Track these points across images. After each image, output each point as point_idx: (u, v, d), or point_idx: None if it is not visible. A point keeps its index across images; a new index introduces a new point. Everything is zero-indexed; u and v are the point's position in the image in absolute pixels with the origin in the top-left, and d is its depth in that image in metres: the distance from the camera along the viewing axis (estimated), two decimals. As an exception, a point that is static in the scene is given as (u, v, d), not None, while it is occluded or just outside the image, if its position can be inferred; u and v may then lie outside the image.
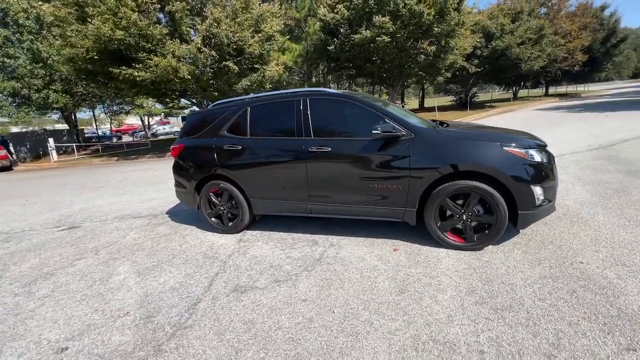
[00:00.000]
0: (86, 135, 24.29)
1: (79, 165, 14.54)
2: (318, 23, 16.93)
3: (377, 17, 14.08)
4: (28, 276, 3.32)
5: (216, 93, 13.61)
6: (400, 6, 13.97)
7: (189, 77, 11.36)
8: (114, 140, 28.95)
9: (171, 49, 11.20)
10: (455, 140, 2.94)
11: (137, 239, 4.08)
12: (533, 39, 20.93)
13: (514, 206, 2.81)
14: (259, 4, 13.50)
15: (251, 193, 3.72)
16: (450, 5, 14.15)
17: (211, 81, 12.97)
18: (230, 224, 3.96)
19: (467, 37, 16.74)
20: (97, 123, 31.99)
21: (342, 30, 15.54)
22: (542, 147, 2.96)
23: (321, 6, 16.63)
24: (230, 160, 3.74)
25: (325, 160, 3.31)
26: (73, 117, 20.20)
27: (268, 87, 15.14)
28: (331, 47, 16.01)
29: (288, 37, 16.64)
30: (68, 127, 20.07)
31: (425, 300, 2.34)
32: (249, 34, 12.45)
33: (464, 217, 2.96)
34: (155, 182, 7.95)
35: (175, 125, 40.68)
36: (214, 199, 3.97)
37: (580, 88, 42.68)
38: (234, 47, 12.26)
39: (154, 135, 34.12)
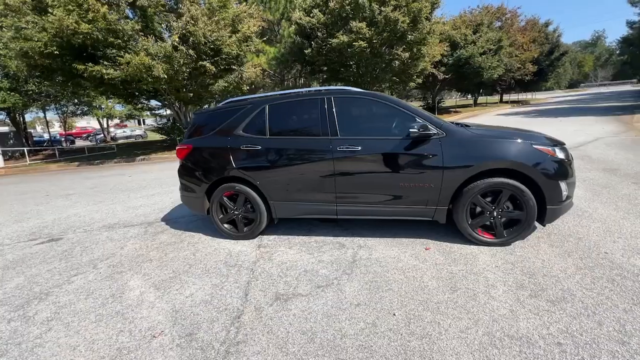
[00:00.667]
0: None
1: (33, 172, 13.05)
2: (293, 26, 16.87)
3: (354, 22, 14.33)
4: (17, 297, 2.86)
5: (191, 94, 12.97)
6: (376, 13, 14.35)
7: (165, 77, 10.71)
8: (65, 144, 26.41)
9: (144, 46, 10.49)
10: (488, 139, 3.01)
11: (139, 250, 3.70)
12: (493, 50, 22.62)
13: (542, 202, 2.93)
14: (236, 3, 13.16)
15: (272, 196, 3.53)
16: (423, 14, 14.81)
17: (186, 82, 12.35)
18: (246, 229, 3.73)
19: (436, 45, 17.62)
20: (42, 125, 29.07)
21: (319, 34, 15.60)
22: (563, 145, 3.13)
23: (296, 10, 16.60)
24: (248, 162, 3.53)
25: (354, 160, 3.24)
26: (21, 118, 18.15)
27: (245, 89, 14.74)
28: (308, 51, 16.00)
29: (264, 39, 16.35)
30: (15, 130, 17.99)
31: (480, 296, 2.34)
32: (226, 33, 12.04)
33: (495, 213, 3.04)
34: (136, 188, 7.34)
35: (136, 129, 38.21)
36: (227, 203, 3.72)
37: (528, 96, 46.75)
38: (211, 46, 11.78)
39: (113, 139, 31.75)
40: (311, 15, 15.53)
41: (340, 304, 2.39)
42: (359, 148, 3.21)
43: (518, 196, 2.94)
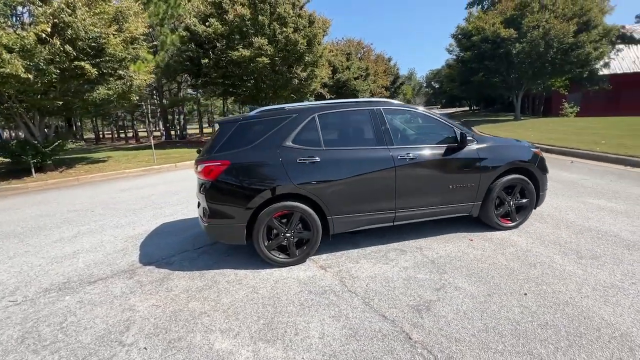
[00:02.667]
0: None
1: None
2: (183, 32, 15.31)
3: (256, 38, 14.31)
4: None
5: (60, 102, 9.87)
6: (277, 32, 14.81)
7: (27, 76, 7.80)
8: None
9: (-14, 33, 7.37)
10: (506, 145, 3.82)
11: (166, 305, 2.73)
12: (363, 76, 26.86)
13: (537, 191, 3.93)
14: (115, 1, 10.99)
15: (332, 210, 3.30)
16: (317, 39, 16.25)
17: (53, 87, 9.34)
18: (298, 251, 3.32)
19: (325, 68, 19.56)
20: None
21: (218, 45, 14.73)
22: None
23: (189, 15, 15.18)
24: (307, 176, 3.20)
25: (412, 166, 3.46)
26: None
27: (134, 99, 12.30)
28: (205, 61, 14.83)
29: (150, 44, 14.11)
30: None
31: (548, 262, 2.98)
32: (111, 31, 9.88)
33: (511, 203, 3.85)
34: (29, 232, 5.05)
35: None
36: (278, 226, 3.22)
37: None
38: (93, 44, 9.41)
39: None
40: (207, 24, 14.53)
41: (475, 297, 2.56)
42: (415, 155, 3.46)
43: (525, 188, 3.84)
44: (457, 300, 2.55)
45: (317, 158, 3.23)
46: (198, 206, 3.68)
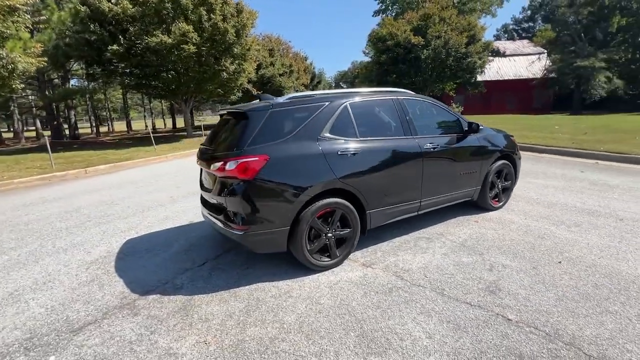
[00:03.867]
0: None
1: None
2: (82, 8, 12.46)
3: (180, 24, 12.71)
4: None
5: None
6: (204, 19, 13.45)
7: None
8: None
9: None
10: (498, 134, 4.24)
11: (217, 342, 2.17)
12: (288, 73, 26.57)
13: (515, 173, 4.51)
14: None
15: (370, 204, 3.14)
16: (245, 30, 15.36)
17: None
18: (338, 252, 3.06)
19: (252, 62, 18.67)
20: None
21: (130, 28, 12.51)
22: (509, 136, 4.90)
23: (87, -12, 12.43)
24: (348, 169, 2.96)
25: (435, 155, 3.56)
26: None
27: (17, 86, 9.47)
28: (114, 47, 12.42)
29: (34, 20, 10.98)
30: None
31: (554, 230, 3.47)
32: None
33: (500, 186, 4.33)
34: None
35: None
36: (320, 226, 2.89)
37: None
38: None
39: None
40: (116, 2, 12.18)
41: (526, 272, 2.78)
42: (436, 144, 3.56)
43: (508, 172, 4.37)
44: (514, 276, 2.73)
45: (356, 149, 3.01)
46: (213, 210, 3.03)
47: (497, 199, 4.37)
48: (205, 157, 3.06)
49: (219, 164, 2.70)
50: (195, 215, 4.77)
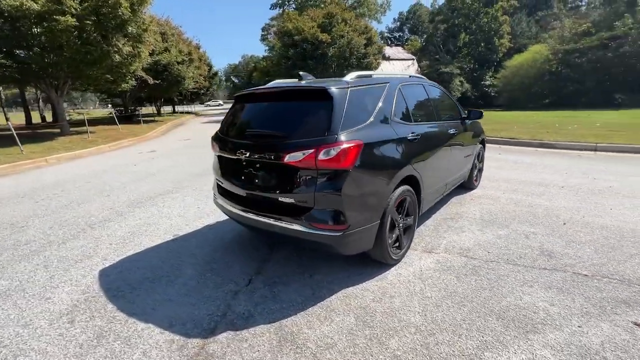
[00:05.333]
0: None
1: None
2: None
3: (51, -15, 9.65)
4: None
5: None
6: (86, -16, 10.60)
7: None
8: None
9: None
10: (477, 122, 4.75)
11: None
12: (187, 61, 23.46)
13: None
14: None
15: (424, 189, 3.10)
16: (143, 5, 12.88)
17: None
18: (405, 241, 2.93)
19: (149, 45, 15.79)
20: None
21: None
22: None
23: None
24: (415, 154, 2.86)
25: (454, 140, 3.77)
26: None
27: None
28: None
29: None
30: None
31: (553, 204, 4.19)
32: None
33: (478, 167, 4.94)
34: None
35: None
36: (396, 217, 2.69)
37: (190, 108, 52.38)
38: None
39: None
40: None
41: (552, 235, 3.26)
42: (455, 129, 3.79)
43: (482, 154, 5.02)
44: (549, 240, 3.16)
45: (416, 134, 2.91)
46: (268, 211, 2.42)
47: (476, 179, 4.98)
48: (256, 147, 2.43)
49: (303, 153, 2.17)
50: (174, 226, 3.81)
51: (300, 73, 3.00)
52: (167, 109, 39.12)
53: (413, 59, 41.84)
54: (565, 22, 31.32)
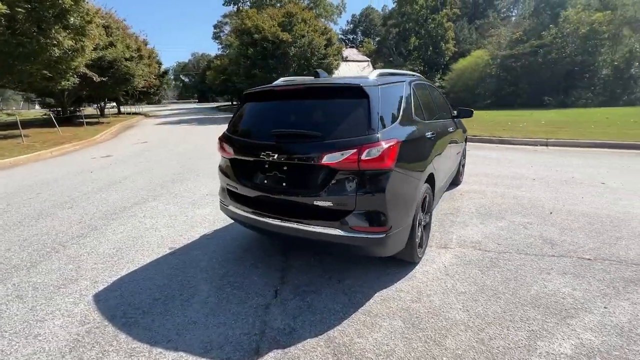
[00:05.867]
0: None
1: None
2: None
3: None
4: None
5: None
6: (17, -34, 9.22)
7: None
8: None
9: None
10: (461, 120, 4.99)
11: None
12: (135, 58, 21.49)
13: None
14: None
15: (437, 187, 3.15)
16: (86, -5, 11.58)
17: None
18: (425, 240, 2.96)
19: (94, 38, 14.19)
20: None
21: None
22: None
23: None
24: (432, 152, 2.90)
25: (450, 138, 3.90)
26: None
27: None
28: None
29: None
30: None
31: (536, 194, 4.52)
32: None
33: (463, 162, 5.19)
34: None
35: None
36: (421, 216, 2.70)
37: (137, 109, 48.42)
38: None
39: None
40: None
41: (544, 224, 3.53)
42: (451, 128, 3.94)
43: (465, 150, 5.30)
44: (543, 229, 3.41)
45: (432, 131, 2.95)
46: (298, 216, 2.26)
47: (461, 174, 5.24)
48: (286, 148, 2.26)
49: (343, 153, 2.06)
50: (166, 239, 3.45)
51: (317, 70, 2.88)
52: (112, 110, 35.82)
53: (368, 61, 43.21)
54: (501, 30, 34.57)
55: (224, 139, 2.73)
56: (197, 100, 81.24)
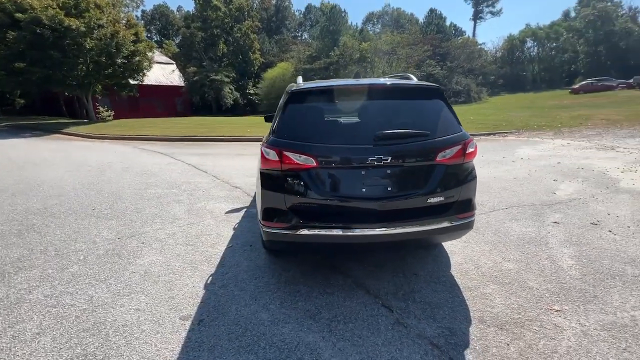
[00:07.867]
0: None
1: None
2: None
3: None
4: None
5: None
6: None
7: None
8: None
9: None
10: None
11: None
12: None
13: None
14: None
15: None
16: None
17: None
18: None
19: None
20: None
21: None
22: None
23: None
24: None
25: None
26: None
27: None
28: None
29: None
30: None
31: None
32: None
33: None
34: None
35: None
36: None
37: None
38: None
39: None
40: None
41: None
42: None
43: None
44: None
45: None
46: (405, 216, 2.28)
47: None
48: (400, 150, 2.22)
49: (452, 150, 2.28)
50: (178, 267, 2.41)
51: (357, 72, 2.81)
52: None
53: (174, 64, 39.53)
54: (300, 47, 40.51)
55: (290, 148, 2.22)
56: None
